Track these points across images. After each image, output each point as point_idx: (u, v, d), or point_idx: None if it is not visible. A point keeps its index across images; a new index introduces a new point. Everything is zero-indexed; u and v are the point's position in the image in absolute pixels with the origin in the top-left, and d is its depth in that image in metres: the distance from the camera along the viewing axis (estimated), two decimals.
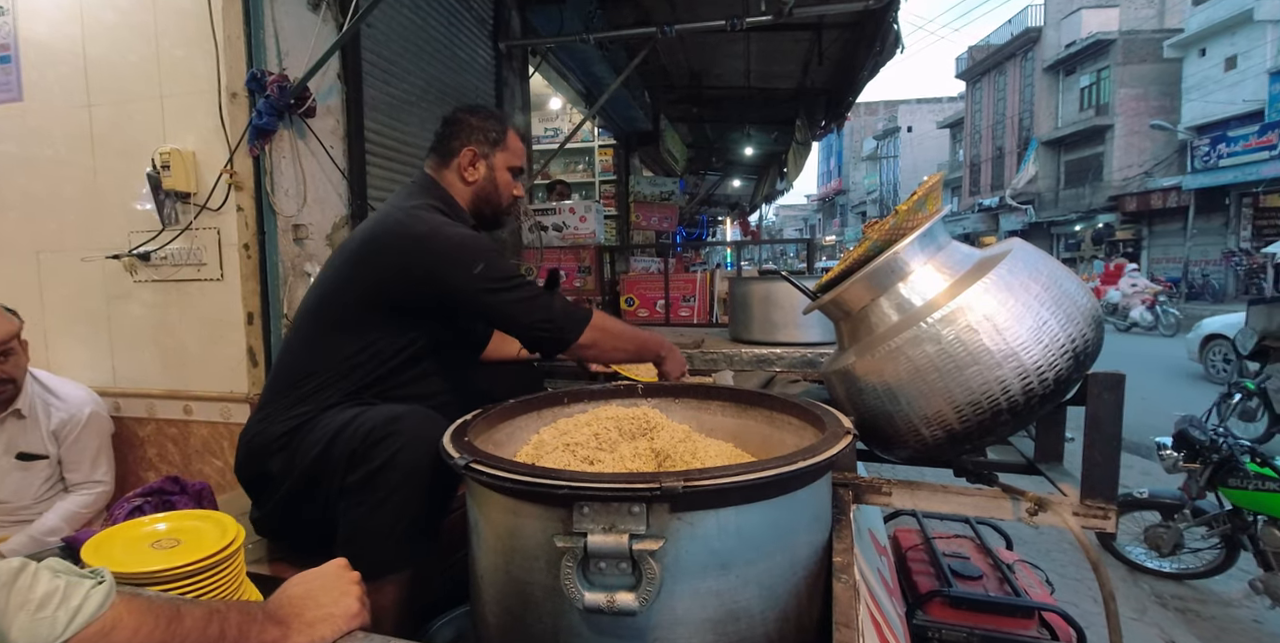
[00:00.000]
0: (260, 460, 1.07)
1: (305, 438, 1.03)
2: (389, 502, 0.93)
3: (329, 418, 1.04)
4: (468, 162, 1.31)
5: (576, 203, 3.20)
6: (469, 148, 1.30)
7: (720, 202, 12.05)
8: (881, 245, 1.04)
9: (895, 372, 0.97)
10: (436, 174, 1.33)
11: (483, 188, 1.33)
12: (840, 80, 4.94)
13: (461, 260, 1.15)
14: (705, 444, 1.08)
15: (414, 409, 1.01)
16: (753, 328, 1.98)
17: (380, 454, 0.92)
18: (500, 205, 1.37)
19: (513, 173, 1.37)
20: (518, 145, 1.38)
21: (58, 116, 1.87)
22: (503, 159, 1.34)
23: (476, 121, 1.33)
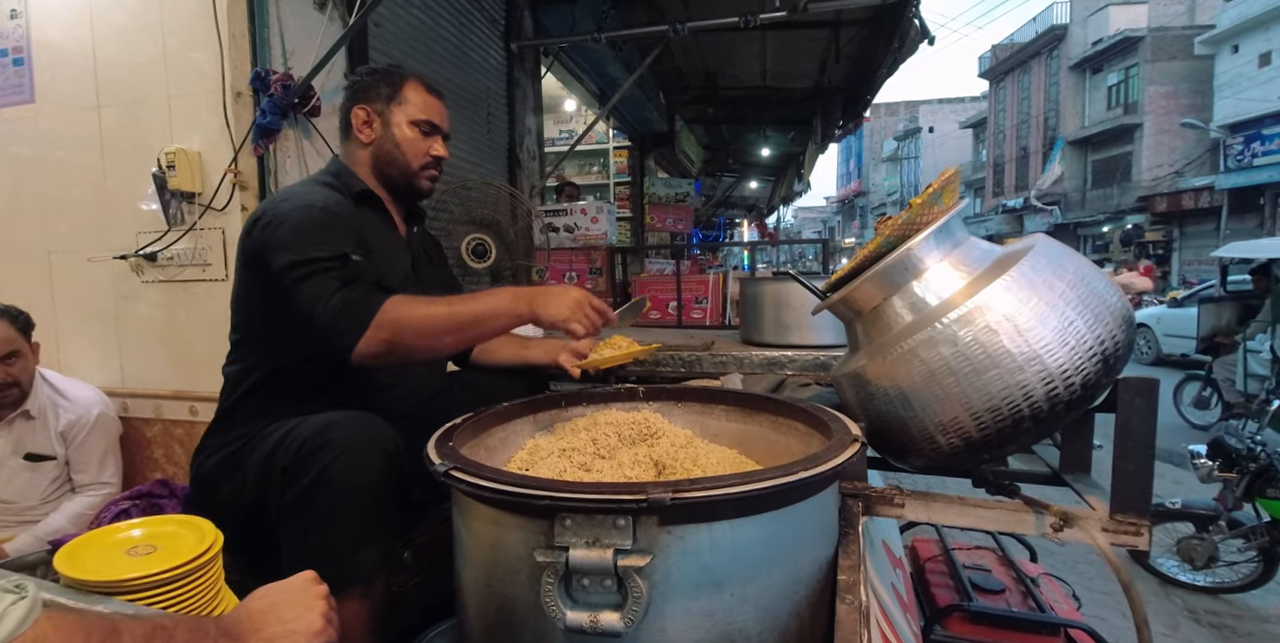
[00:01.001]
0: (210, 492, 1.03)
1: (248, 458, 0.98)
2: (326, 520, 0.86)
3: (269, 432, 0.97)
4: (360, 122, 1.20)
5: (588, 204, 3.17)
6: (359, 107, 1.20)
7: (737, 203, 11.97)
8: (894, 242, 0.99)
9: (908, 375, 0.91)
10: (343, 150, 1.26)
11: (380, 148, 1.21)
12: (858, 79, 4.85)
13: (276, 235, 1.00)
14: (707, 451, 1.03)
15: (350, 416, 0.92)
16: (764, 330, 1.92)
17: (312, 468, 0.85)
18: (408, 166, 1.22)
19: (420, 129, 1.21)
20: (421, 98, 1.22)
21: (68, 118, 1.88)
22: (401, 113, 1.20)
23: (367, 79, 1.22)
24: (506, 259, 2.03)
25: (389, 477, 0.88)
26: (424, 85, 1.24)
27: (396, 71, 1.24)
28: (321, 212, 1.06)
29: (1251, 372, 4.70)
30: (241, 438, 1.01)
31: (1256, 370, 4.65)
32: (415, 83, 1.24)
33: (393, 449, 0.91)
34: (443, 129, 1.27)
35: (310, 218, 1.04)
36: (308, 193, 1.11)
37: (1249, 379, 4.70)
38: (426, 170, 1.25)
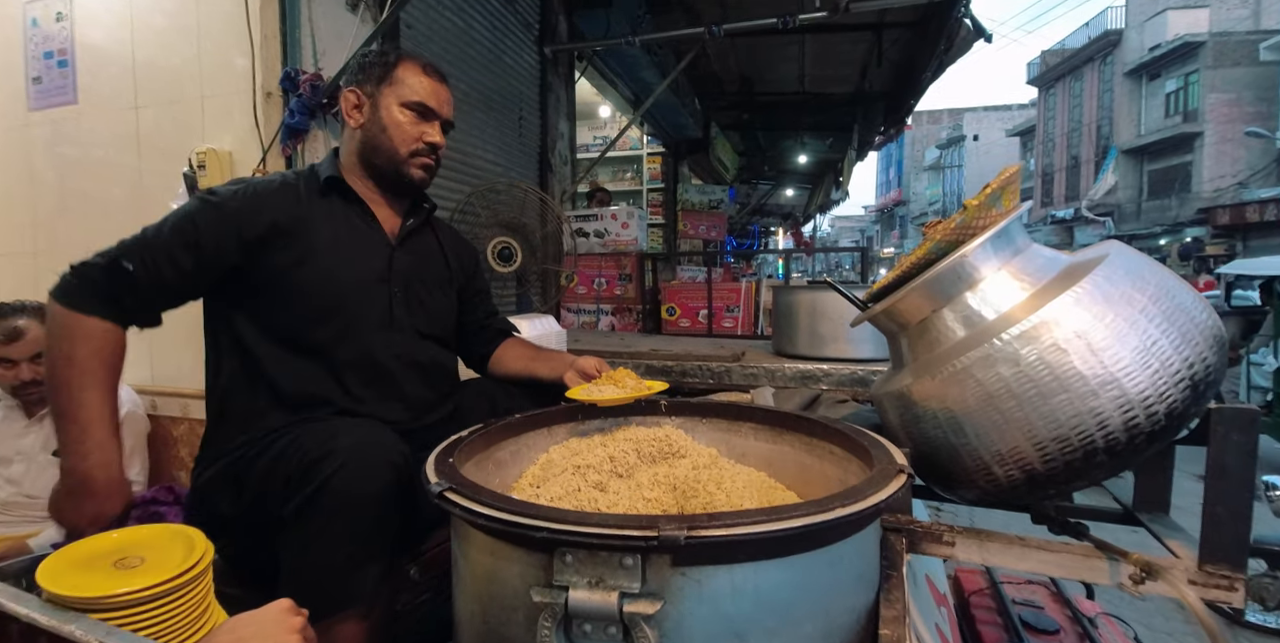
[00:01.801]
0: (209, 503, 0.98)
1: (249, 468, 0.92)
2: (327, 532, 0.80)
3: (270, 440, 0.92)
4: (350, 106, 1.12)
5: (619, 209, 3.12)
6: (349, 90, 1.12)
7: (773, 211, 11.81)
8: (945, 247, 0.89)
9: (961, 398, 0.81)
10: (341, 138, 1.18)
11: (369, 132, 1.11)
12: (901, 83, 4.71)
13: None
14: (733, 473, 0.95)
15: (356, 424, 0.88)
16: (797, 341, 1.82)
17: (314, 478, 0.80)
18: (395, 152, 1.11)
19: (412, 111, 1.11)
20: (416, 79, 1.11)
21: (108, 118, 1.91)
22: (391, 95, 1.10)
23: (360, 61, 1.15)
24: (533, 263, 1.98)
25: (396, 489, 0.82)
26: (421, 66, 1.14)
27: (392, 52, 1.16)
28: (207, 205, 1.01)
29: (1254, 384, 4.96)
30: (240, 447, 0.97)
31: (1259, 383, 4.89)
32: (411, 63, 1.13)
33: (401, 460, 0.85)
34: (440, 114, 1.15)
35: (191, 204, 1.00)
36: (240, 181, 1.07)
37: (1251, 391, 4.97)
38: (418, 157, 1.13)
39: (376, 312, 1.10)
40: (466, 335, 1.35)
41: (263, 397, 1.01)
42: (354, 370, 1.06)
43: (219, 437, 1.02)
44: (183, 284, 0.99)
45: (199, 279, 1.00)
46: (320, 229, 1.07)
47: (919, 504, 1.20)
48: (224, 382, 1.04)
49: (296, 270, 1.03)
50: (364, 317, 1.08)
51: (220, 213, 1.00)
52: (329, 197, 1.12)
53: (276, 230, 1.03)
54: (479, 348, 1.37)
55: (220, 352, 1.05)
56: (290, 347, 1.03)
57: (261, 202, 1.04)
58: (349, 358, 1.05)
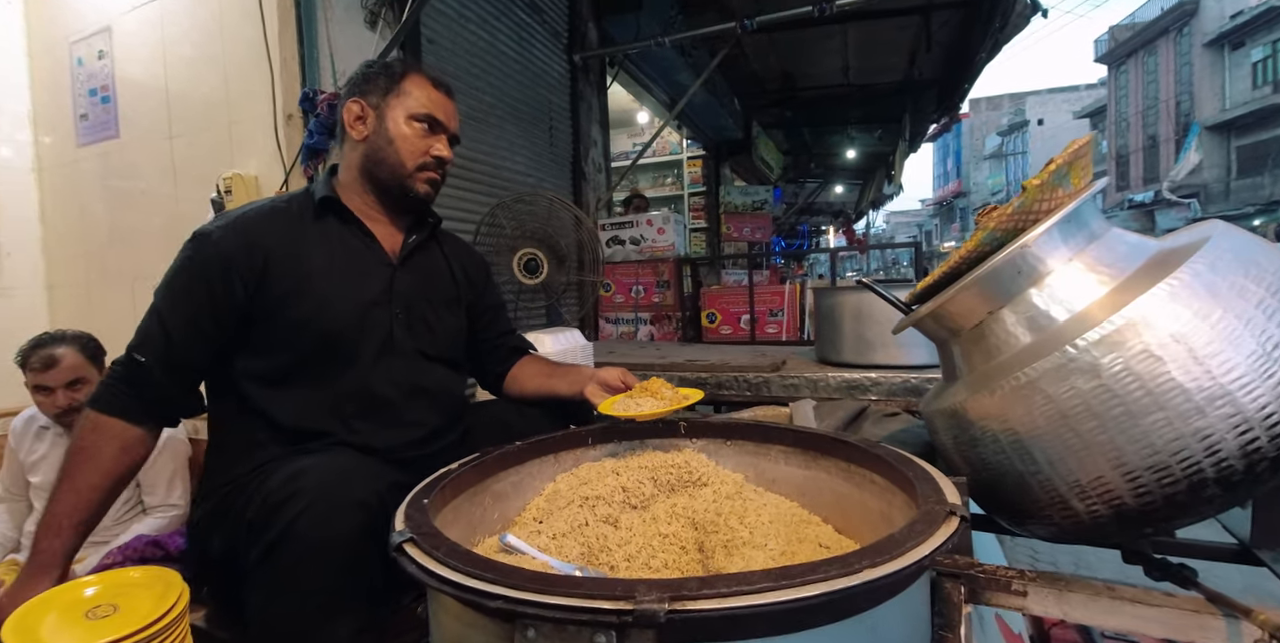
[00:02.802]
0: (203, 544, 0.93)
1: (235, 507, 0.86)
2: (293, 581, 0.73)
3: (256, 478, 0.86)
4: (353, 117, 1.06)
5: (654, 215, 3.02)
6: (353, 101, 1.07)
7: (822, 210, 11.48)
8: (1003, 237, 0.76)
9: (1028, 417, 0.67)
10: (340, 153, 1.12)
11: (373, 145, 1.05)
12: (953, 68, 4.45)
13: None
14: (759, 504, 0.83)
15: (325, 461, 0.81)
16: (842, 347, 1.68)
17: (278, 522, 0.73)
18: (400, 166, 1.06)
19: (422, 124, 1.07)
20: (424, 92, 1.07)
21: (146, 150, 1.96)
22: (399, 107, 1.05)
23: (365, 72, 1.09)
24: (559, 275, 1.92)
25: (368, 532, 0.75)
26: (429, 79, 1.10)
27: (394, 63, 1.11)
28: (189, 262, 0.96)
29: None
30: (229, 484, 0.92)
31: None
32: (418, 76, 1.09)
33: (374, 501, 0.78)
34: (448, 128, 1.11)
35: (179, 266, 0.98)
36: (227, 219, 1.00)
37: None
38: (424, 172, 1.08)
39: (376, 337, 1.04)
40: (480, 355, 1.29)
41: (259, 429, 0.96)
42: (351, 401, 0.99)
43: (215, 471, 0.98)
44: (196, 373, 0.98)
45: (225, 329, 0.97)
46: (314, 255, 1.01)
47: (985, 538, 1.04)
48: (220, 413, 1.00)
49: (291, 301, 0.97)
50: (362, 343, 1.02)
51: (211, 261, 0.95)
52: (324, 218, 1.06)
53: (270, 262, 0.97)
54: (493, 367, 1.29)
55: (215, 381, 1.01)
56: (285, 379, 0.97)
57: (250, 235, 0.98)
58: (346, 388, 0.99)
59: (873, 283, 0.95)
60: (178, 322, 0.94)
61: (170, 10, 1.86)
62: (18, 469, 1.76)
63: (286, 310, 0.97)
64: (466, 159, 2.33)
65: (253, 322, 0.97)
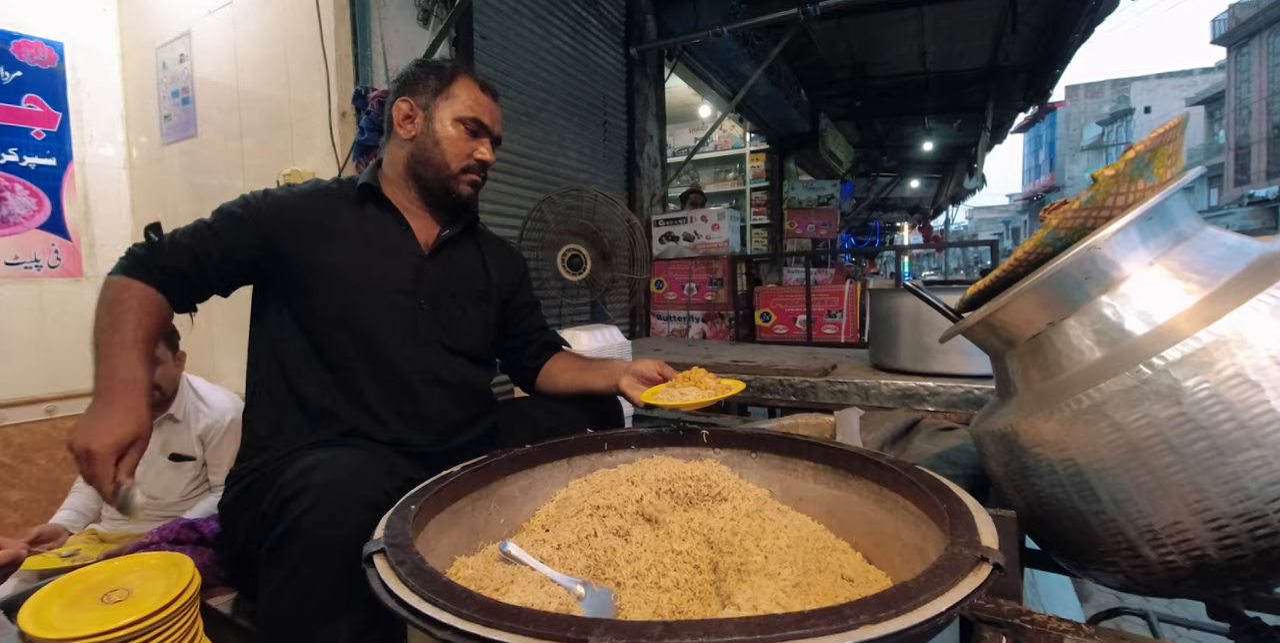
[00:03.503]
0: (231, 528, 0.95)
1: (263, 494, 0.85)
2: (295, 579, 0.72)
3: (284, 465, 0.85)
4: (402, 116, 1.09)
5: (709, 210, 2.94)
6: (402, 100, 1.09)
7: (896, 205, 10.98)
8: (1069, 236, 0.66)
9: (1091, 446, 0.58)
10: (385, 147, 1.15)
11: (419, 145, 1.09)
12: (1042, 51, 4.11)
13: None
14: (779, 525, 0.77)
15: (337, 457, 0.79)
16: (898, 353, 1.56)
17: (285, 517, 0.73)
18: (445, 167, 1.09)
19: (466, 127, 1.09)
20: (472, 95, 1.10)
21: (220, 148, 2.06)
22: (446, 110, 1.08)
23: (416, 71, 1.11)
24: (603, 271, 1.88)
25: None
26: (476, 82, 1.12)
27: (448, 65, 1.13)
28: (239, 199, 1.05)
29: None
30: (255, 471, 0.94)
31: None
32: (467, 78, 1.11)
33: (383, 499, 0.76)
34: (492, 131, 1.13)
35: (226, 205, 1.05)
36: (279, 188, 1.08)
37: None
38: (467, 174, 1.11)
39: (400, 325, 1.05)
40: (513, 351, 1.27)
41: (287, 413, 0.99)
42: (373, 385, 1.01)
43: (246, 454, 1.01)
44: (201, 268, 1.01)
45: (220, 268, 1.02)
46: (348, 233, 1.05)
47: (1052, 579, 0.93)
48: (253, 393, 1.04)
49: (316, 269, 1.01)
50: (384, 328, 1.03)
51: (247, 209, 1.03)
52: (364, 204, 1.10)
53: (300, 228, 1.02)
54: (526, 363, 1.28)
55: (256, 361, 1.06)
56: (310, 358, 1.00)
57: (291, 201, 1.05)
58: (367, 371, 1.01)
59: (908, 287, 0.86)
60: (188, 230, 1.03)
61: (241, 12, 1.95)
62: None
63: (309, 277, 1.01)
64: (516, 154, 2.33)
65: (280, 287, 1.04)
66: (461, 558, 0.73)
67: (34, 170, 2.10)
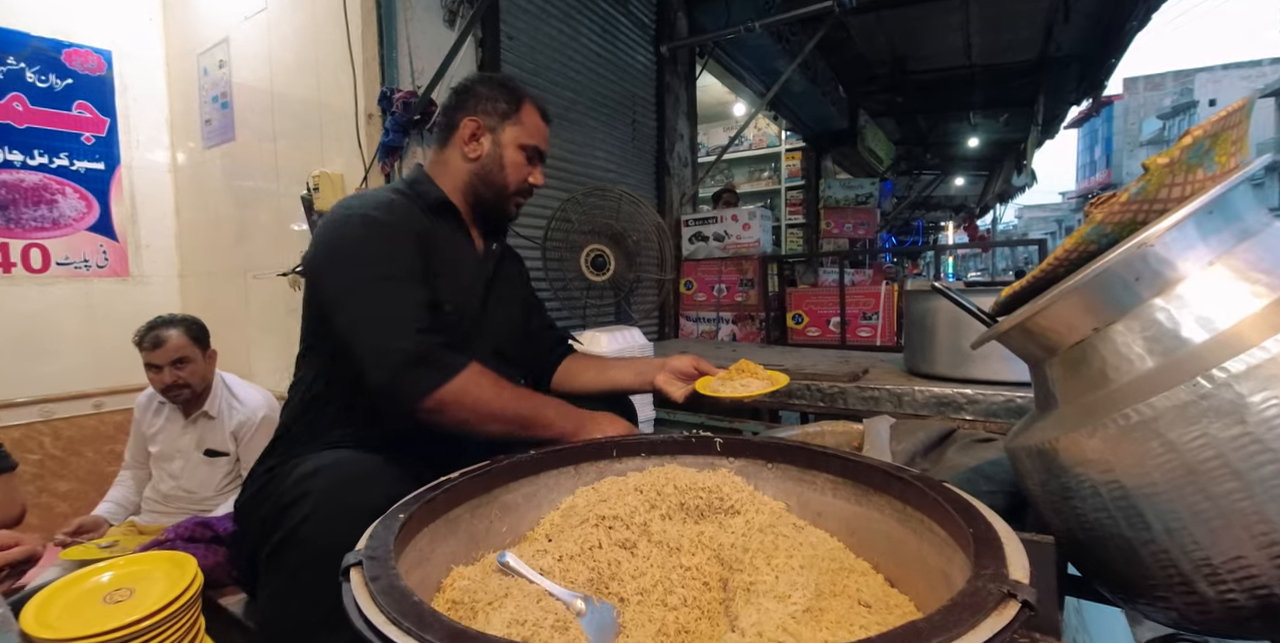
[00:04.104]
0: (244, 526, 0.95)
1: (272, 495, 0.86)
2: (293, 588, 0.71)
3: (290, 466, 0.85)
4: (469, 134, 1.10)
5: (739, 209, 2.88)
6: (471, 118, 1.09)
7: (940, 204, 10.64)
8: (1116, 232, 0.59)
9: (1140, 468, 0.52)
10: (435, 155, 1.14)
11: (485, 166, 1.10)
12: (1096, 40, 3.90)
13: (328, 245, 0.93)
14: (794, 541, 0.72)
15: (340, 462, 0.78)
16: (934, 358, 1.48)
17: (284, 524, 0.72)
18: (505, 189, 1.12)
19: (527, 153, 1.12)
20: (536, 122, 1.14)
21: (256, 151, 2.12)
22: (513, 134, 1.11)
23: (484, 90, 1.11)
24: (627, 271, 1.85)
25: None
26: (540, 110, 1.16)
27: (515, 87, 1.14)
28: (380, 226, 0.97)
29: None
30: (272, 471, 0.93)
31: None
32: (533, 105, 1.14)
33: (386, 506, 0.74)
34: (544, 156, 1.18)
35: (370, 228, 0.95)
36: (369, 201, 1.01)
37: None
38: (519, 196, 1.15)
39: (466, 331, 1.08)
40: (528, 347, 1.26)
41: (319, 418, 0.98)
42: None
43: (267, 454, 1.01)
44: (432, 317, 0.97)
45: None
46: (441, 247, 1.06)
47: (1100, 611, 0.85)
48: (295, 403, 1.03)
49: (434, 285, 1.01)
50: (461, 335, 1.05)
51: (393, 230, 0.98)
52: (437, 217, 1.10)
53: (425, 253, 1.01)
54: (541, 358, 1.28)
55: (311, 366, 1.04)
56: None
57: (402, 214, 1.02)
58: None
59: (936, 288, 0.80)
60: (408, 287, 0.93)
61: (275, 18, 1.99)
62: (141, 441, 1.96)
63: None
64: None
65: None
66: (459, 568, 0.71)
67: (83, 174, 2.19)
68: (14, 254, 2.05)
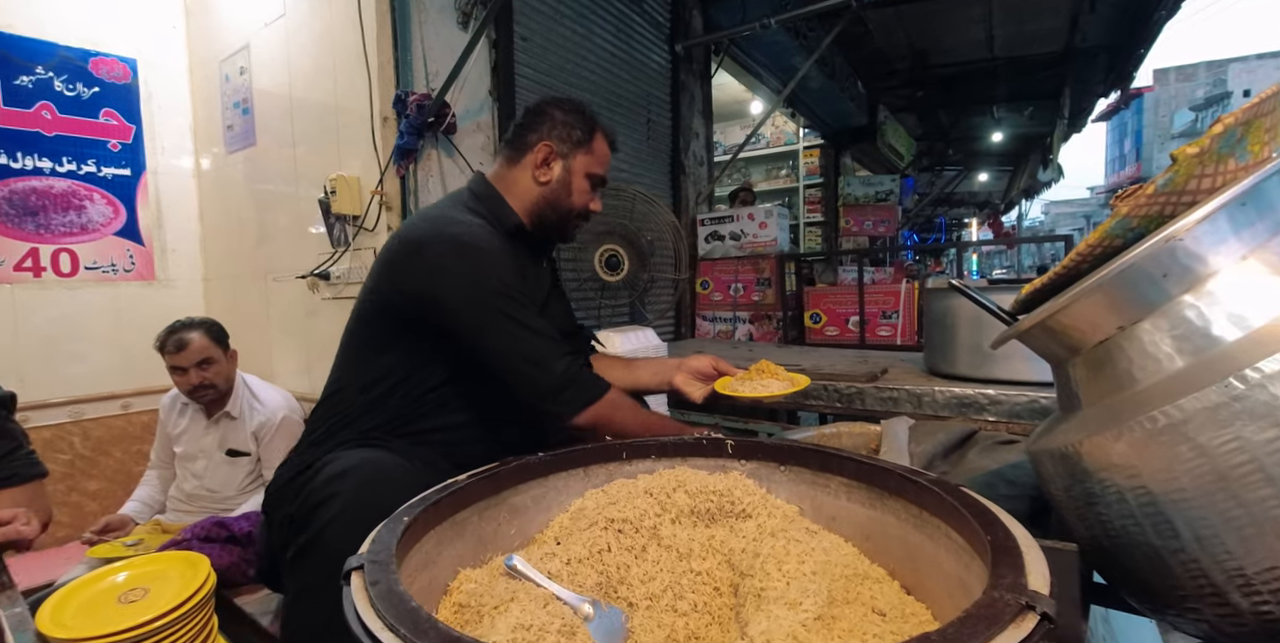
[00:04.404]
0: (271, 516, 0.96)
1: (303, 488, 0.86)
2: (317, 589, 0.71)
3: (322, 463, 0.87)
4: (542, 159, 1.12)
5: (756, 208, 2.85)
6: (546, 143, 1.12)
7: (963, 200, 10.44)
8: (1142, 225, 0.57)
9: (1168, 473, 0.49)
10: (502, 171, 1.16)
11: (554, 191, 1.13)
12: (1124, 30, 3.79)
13: (457, 272, 0.96)
14: (806, 547, 0.70)
15: (368, 464, 0.78)
16: (954, 357, 1.45)
17: (314, 524, 0.73)
18: (569, 214, 1.16)
19: (592, 182, 1.16)
20: (604, 151, 1.17)
21: (276, 156, 2.14)
22: (584, 163, 1.14)
23: (561, 116, 1.14)
24: (641, 271, 1.84)
25: None
26: (609, 139, 1.20)
27: (590, 115, 1.17)
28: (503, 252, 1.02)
29: None
30: (305, 463, 0.94)
31: None
32: (602, 135, 1.18)
33: None
34: (606, 182, 1.22)
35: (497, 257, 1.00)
36: (470, 229, 1.02)
37: None
38: (579, 220, 1.19)
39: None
40: None
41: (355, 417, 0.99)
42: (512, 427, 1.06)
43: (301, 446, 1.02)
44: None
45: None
46: (521, 268, 1.10)
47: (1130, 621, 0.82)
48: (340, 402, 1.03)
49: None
50: None
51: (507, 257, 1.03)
52: (513, 240, 1.13)
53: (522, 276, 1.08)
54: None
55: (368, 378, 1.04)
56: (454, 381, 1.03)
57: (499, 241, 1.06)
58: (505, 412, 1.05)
59: (954, 285, 0.77)
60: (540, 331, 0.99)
61: (294, 24, 2.01)
62: (166, 441, 2.00)
63: None
64: None
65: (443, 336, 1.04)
66: (466, 571, 0.71)
67: (111, 180, 2.24)
68: (44, 259, 2.11)
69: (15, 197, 2.04)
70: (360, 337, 1.06)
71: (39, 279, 2.11)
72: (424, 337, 1.00)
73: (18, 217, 2.04)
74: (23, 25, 2.05)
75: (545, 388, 0.95)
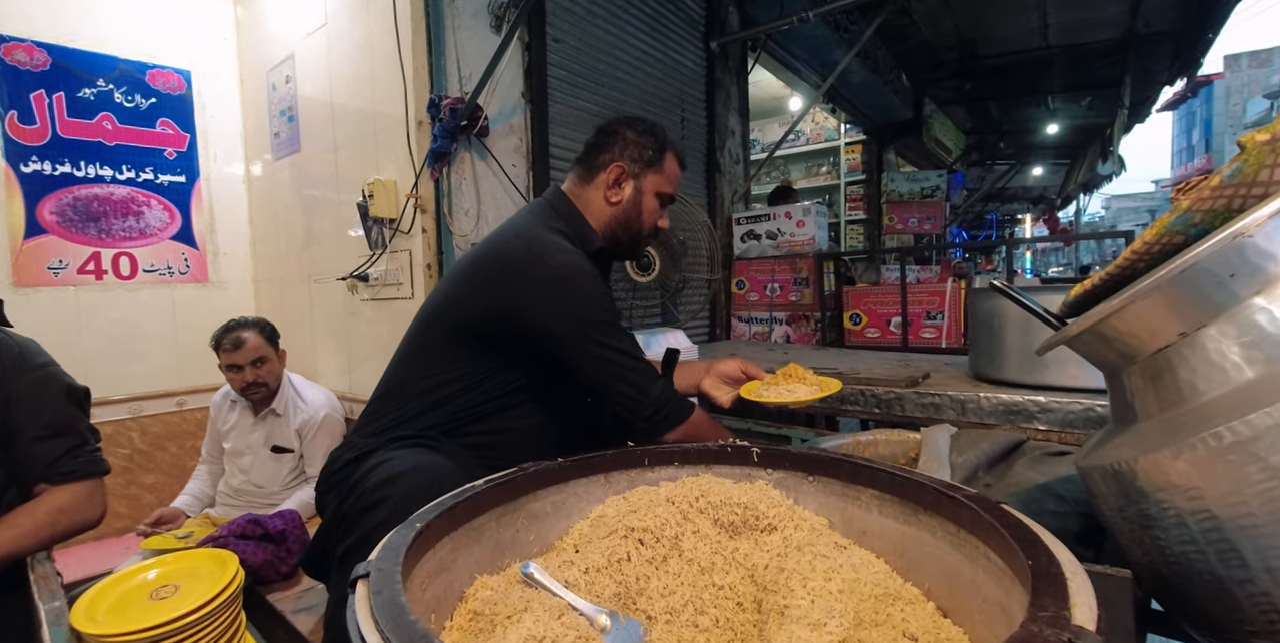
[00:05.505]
0: (322, 499, 0.98)
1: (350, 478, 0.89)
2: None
3: (375, 459, 0.88)
4: (614, 179, 1.14)
5: (793, 206, 2.79)
6: (618, 164, 1.13)
7: (1016, 196, 10.03)
8: (1206, 221, 0.51)
9: (1235, 495, 0.44)
10: (576, 188, 1.17)
11: (625, 211, 1.15)
12: (1191, 14, 3.56)
13: (561, 299, 1.00)
14: (834, 563, 0.67)
15: (426, 465, 0.80)
16: (1002, 361, 1.37)
17: (364, 525, 0.74)
18: (640, 233, 1.17)
19: (661, 201, 1.18)
20: (674, 170, 1.18)
21: (319, 162, 2.21)
22: (653, 183, 1.15)
23: (633, 136, 1.15)
24: (673, 272, 1.82)
25: None
26: (678, 157, 1.20)
27: (661, 135, 1.18)
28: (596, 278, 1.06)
29: None
30: (364, 448, 0.96)
31: None
32: (673, 155, 1.19)
33: None
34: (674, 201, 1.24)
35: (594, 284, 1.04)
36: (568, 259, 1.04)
37: None
38: (649, 239, 1.22)
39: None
40: None
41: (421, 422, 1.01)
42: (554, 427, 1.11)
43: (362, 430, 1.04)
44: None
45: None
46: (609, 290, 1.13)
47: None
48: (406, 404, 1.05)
49: None
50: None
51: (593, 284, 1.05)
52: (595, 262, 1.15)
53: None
54: None
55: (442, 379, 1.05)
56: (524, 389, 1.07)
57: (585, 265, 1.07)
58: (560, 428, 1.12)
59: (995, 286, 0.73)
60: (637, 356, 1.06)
61: (335, 34, 2.06)
62: (216, 437, 2.08)
63: None
64: None
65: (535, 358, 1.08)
66: (483, 577, 0.70)
67: (167, 187, 2.35)
68: (105, 263, 2.22)
69: (79, 204, 2.15)
70: (429, 339, 1.08)
71: (101, 282, 2.22)
72: (501, 348, 1.03)
73: (81, 223, 2.16)
74: (85, 40, 2.16)
75: (646, 411, 1.02)
